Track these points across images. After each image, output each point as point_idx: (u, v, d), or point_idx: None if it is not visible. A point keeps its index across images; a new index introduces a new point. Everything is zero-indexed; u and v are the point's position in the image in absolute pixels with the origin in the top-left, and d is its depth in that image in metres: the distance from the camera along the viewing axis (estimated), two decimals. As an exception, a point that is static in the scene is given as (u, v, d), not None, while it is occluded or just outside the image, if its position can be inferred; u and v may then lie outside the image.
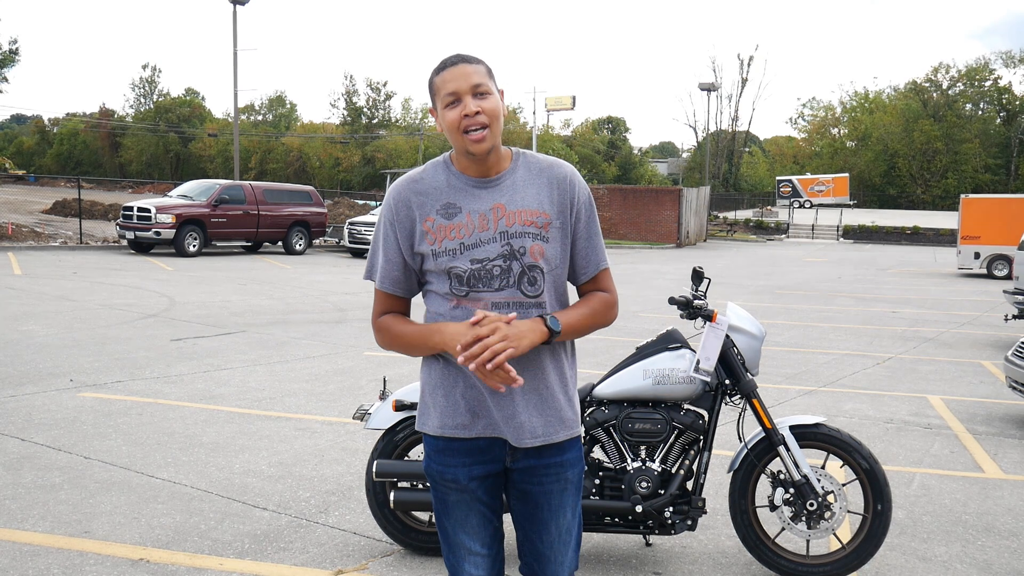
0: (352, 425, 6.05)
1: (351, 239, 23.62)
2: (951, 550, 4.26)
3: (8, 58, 37.66)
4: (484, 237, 2.12)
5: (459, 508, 2.20)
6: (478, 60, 2.12)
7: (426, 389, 2.23)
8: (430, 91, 2.15)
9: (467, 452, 2.17)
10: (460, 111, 2.06)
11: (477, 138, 2.06)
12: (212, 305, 12.46)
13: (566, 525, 2.23)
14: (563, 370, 2.21)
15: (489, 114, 2.07)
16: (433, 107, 2.16)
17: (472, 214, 2.13)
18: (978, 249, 23.53)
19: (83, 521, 4.25)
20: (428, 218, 2.14)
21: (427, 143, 68.49)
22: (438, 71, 2.11)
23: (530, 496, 2.21)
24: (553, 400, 2.16)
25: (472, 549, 2.21)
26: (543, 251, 2.13)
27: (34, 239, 23.19)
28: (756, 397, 3.79)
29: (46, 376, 7.42)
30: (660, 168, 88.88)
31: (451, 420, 2.16)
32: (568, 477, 2.22)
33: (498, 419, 2.14)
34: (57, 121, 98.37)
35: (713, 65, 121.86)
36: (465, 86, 2.06)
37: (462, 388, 2.15)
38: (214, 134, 77.44)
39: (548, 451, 2.18)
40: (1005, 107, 72.63)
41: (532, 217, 2.14)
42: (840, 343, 10.93)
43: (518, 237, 2.12)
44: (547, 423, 2.16)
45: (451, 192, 2.15)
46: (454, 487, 2.19)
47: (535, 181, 2.17)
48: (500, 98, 2.13)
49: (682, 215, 35.85)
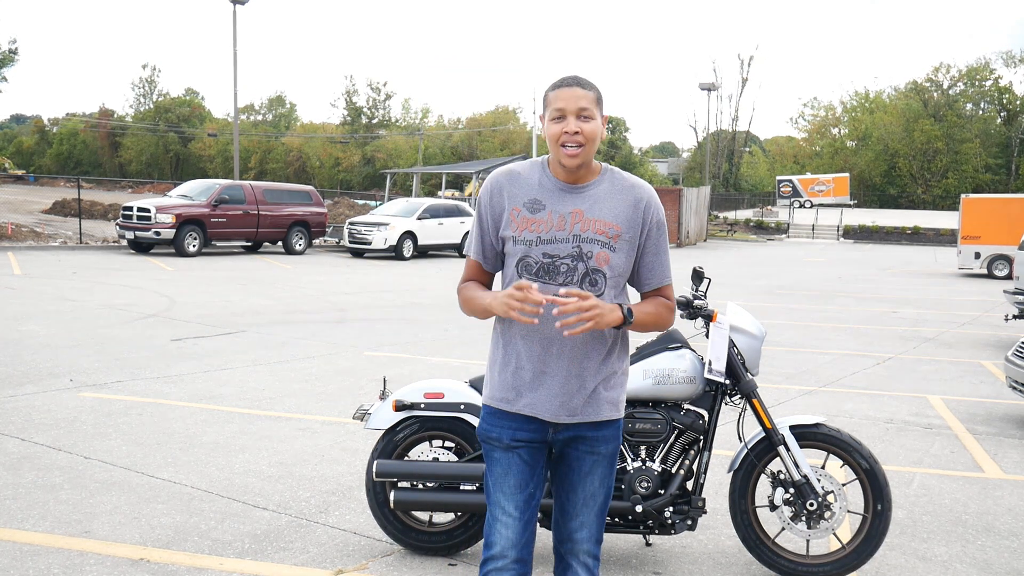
0: (352, 425, 6.05)
1: (351, 239, 23.61)
2: (951, 550, 4.26)
3: (8, 58, 37.67)
4: (559, 236, 2.41)
5: (499, 465, 2.49)
6: (592, 86, 2.40)
7: (489, 364, 2.57)
8: (544, 101, 2.44)
9: (512, 419, 2.48)
10: (562, 127, 2.36)
11: (572, 154, 2.36)
12: (212, 305, 12.46)
13: (592, 491, 2.50)
14: (611, 363, 2.48)
15: (587, 136, 2.36)
16: (542, 115, 2.46)
17: (553, 213, 2.42)
18: (978, 249, 23.52)
19: (83, 521, 4.25)
20: (515, 208, 2.45)
21: (427, 143, 68.52)
22: (554, 87, 2.40)
23: (564, 460, 2.52)
24: (592, 387, 2.45)
25: (506, 509, 2.47)
26: (608, 259, 2.41)
27: (34, 239, 23.19)
28: (756, 397, 3.80)
29: (46, 376, 7.43)
30: (660, 168, 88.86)
31: (499, 394, 2.49)
32: (600, 451, 2.49)
33: (539, 400, 2.43)
34: (57, 121, 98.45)
35: (713, 65, 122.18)
36: (572, 107, 2.35)
37: (513, 368, 2.47)
38: (214, 134, 77.46)
39: (584, 427, 2.47)
40: (1005, 107, 72.58)
41: (605, 227, 2.41)
42: (840, 343, 10.93)
43: (588, 242, 2.40)
44: (585, 404, 2.45)
45: (540, 190, 2.45)
46: (498, 445, 2.49)
47: (616, 196, 2.45)
48: (602, 123, 2.41)
49: (682, 215, 35.86)
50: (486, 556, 2.49)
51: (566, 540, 2.53)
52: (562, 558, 2.55)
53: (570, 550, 2.53)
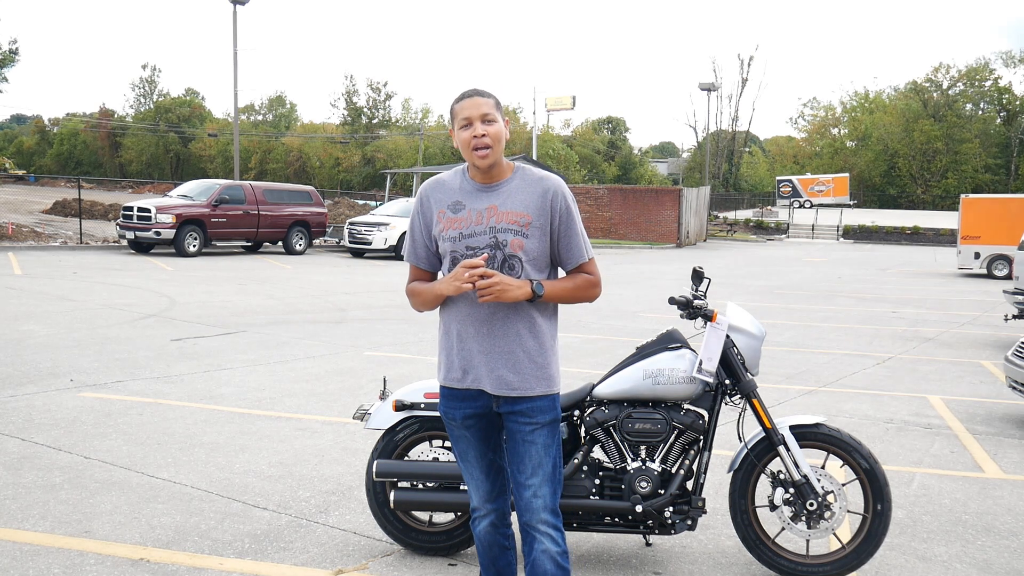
0: (352, 425, 6.05)
1: (351, 239, 23.61)
2: (951, 550, 4.26)
3: (8, 58, 37.61)
4: (478, 229, 2.72)
5: (460, 442, 2.88)
6: (489, 94, 2.73)
7: (439, 349, 2.88)
8: (451, 115, 2.76)
9: (462, 398, 2.81)
10: (471, 133, 2.68)
11: (482, 155, 2.69)
12: (212, 305, 12.46)
13: (538, 459, 2.76)
14: (541, 338, 2.76)
15: (493, 137, 2.68)
16: (452, 128, 2.77)
17: (472, 211, 2.74)
18: (978, 249, 23.52)
19: (83, 521, 4.25)
20: (441, 210, 2.79)
21: (427, 143, 68.51)
22: (458, 100, 2.73)
23: (510, 433, 2.80)
24: (528, 362, 2.74)
25: (473, 475, 2.89)
26: (522, 244, 2.71)
27: (34, 239, 23.19)
28: (756, 397, 3.79)
29: (46, 376, 7.43)
30: (660, 168, 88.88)
31: (450, 374, 2.82)
32: (539, 421, 2.75)
33: (482, 375, 2.75)
34: (57, 121, 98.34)
35: (713, 65, 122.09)
36: (476, 114, 2.68)
37: (456, 350, 2.79)
38: (214, 134, 77.37)
39: (522, 400, 2.75)
40: (1005, 107, 72.56)
41: (516, 217, 2.72)
42: (840, 343, 10.93)
43: (503, 231, 2.71)
44: (522, 379, 2.73)
45: (461, 193, 2.78)
46: (455, 424, 2.85)
47: (526, 190, 2.75)
48: (504, 126, 2.73)
49: (682, 215, 35.85)
50: (471, 509, 2.96)
51: (524, 511, 2.78)
52: (526, 532, 2.80)
53: (529, 521, 2.78)
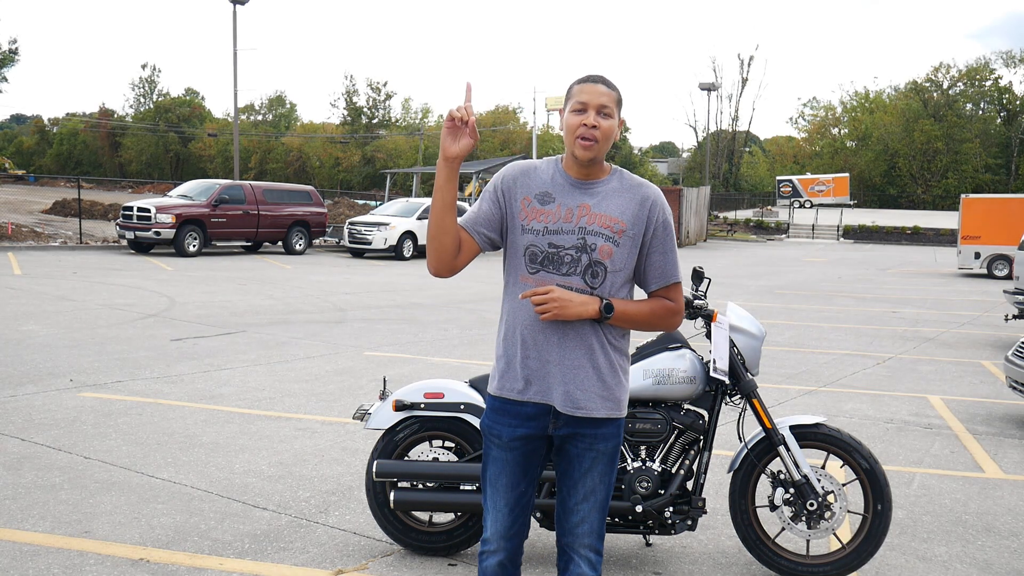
0: (352, 425, 6.05)
1: (351, 239, 23.61)
2: (951, 550, 4.26)
3: (8, 58, 37.64)
4: (566, 227, 2.48)
5: (495, 464, 2.59)
6: (615, 87, 2.50)
7: (496, 358, 2.61)
8: (567, 94, 2.52)
9: (515, 415, 2.54)
10: (581, 119, 2.44)
11: (586, 146, 2.44)
12: (212, 305, 12.46)
13: (591, 487, 2.56)
14: (615, 356, 2.53)
15: (603, 132, 2.44)
16: (563, 107, 2.52)
17: (562, 206, 2.50)
18: (978, 249, 23.52)
19: (83, 521, 4.25)
20: (526, 198, 2.52)
21: (427, 143, 68.48)
22: (580, 81, 2.49)
23: (565, 456, 2.58)
24: (598, 381, 2.50)
25: (496, 504, 2.61)
26: (611, 252, 2.48)
27: (34, 239, 23.19)
28: (756, 397, 3.80)
29: (46, 376, 7.42)
30: (660, 168, 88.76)
31: (509, 384, 2.54)
32: (600, 448, 2.54)
33: (550, 386, 2.49)
34: (57, 121, 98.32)
35: (713, 65, 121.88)
36: (595, 102, 2.44)
37: (520, 358, 2.51)
38: (214, 134, 77.36)
39: (586, 423, 2.52)
40: (1005, 107, 72.54)
41: (610, 222, 2.48)
42: (840, 343, 10.93)
43: (593, 235, 2.47)
44: (588, 399, 2.49)
45: (552, 184, 2.53)
46: (497, 442, 2.57)
47: (624, 194, 2.52)
48: (618, 125, 2.50)
49: (682, 215, 35.84)
50: (482, 540, 2.68)
51: (568, 534, 2.60)
52: (564, 551, 2.62)
53: (571, 544, 2.60)
